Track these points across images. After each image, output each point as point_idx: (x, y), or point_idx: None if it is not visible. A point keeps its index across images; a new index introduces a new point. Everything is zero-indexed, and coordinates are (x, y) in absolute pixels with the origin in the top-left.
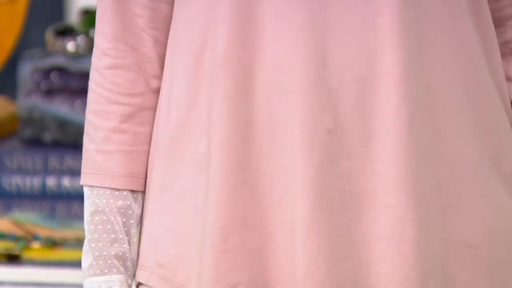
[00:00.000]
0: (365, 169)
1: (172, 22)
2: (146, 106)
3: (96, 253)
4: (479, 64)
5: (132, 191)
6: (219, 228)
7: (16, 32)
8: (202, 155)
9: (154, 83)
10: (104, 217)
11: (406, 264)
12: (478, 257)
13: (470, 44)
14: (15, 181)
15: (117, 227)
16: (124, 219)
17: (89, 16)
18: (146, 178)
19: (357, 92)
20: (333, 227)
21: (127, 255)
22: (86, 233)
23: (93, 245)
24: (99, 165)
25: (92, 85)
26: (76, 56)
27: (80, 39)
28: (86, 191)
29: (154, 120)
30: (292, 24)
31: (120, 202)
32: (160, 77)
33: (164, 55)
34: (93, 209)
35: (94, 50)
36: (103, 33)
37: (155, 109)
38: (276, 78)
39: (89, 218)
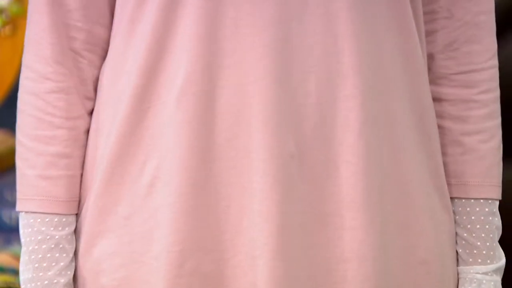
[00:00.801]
0: (326, 192)
1: (113, 44)
2: (84, 129)
3: (46, 282)
4: (423, 83)
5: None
6: (175, 252)
7: (17, 66)
8: (150, 178)
9: (88, 105)
10: (53, 245)
11: (367, 284)
12: (430, 272)
13: (417, 64)
14: (15, 215)
15: (64, 255)
16: (70, 246)
17: None
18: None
19: (318, 116)
20: (296, 251)
21: (71, 280)
22: (31, 262)
23: (40, 274)
24: (43, 191)
25: (29, 109)
26: None
27: None
28: (28, 219)
29: (87, 142)
30: (255, 49)
31: (67, 228)
32: (93, 99)
33: (97, 77)
34: (40, 237)
35: (29, 74)
36: (42, 57)
37: (89, 131)
38: (237, 103)
39: (36, 247)
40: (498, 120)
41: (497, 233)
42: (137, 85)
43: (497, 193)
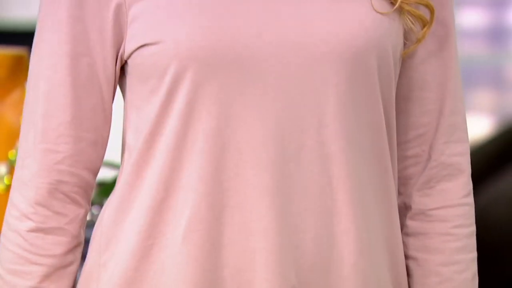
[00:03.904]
0: None
1: (118, 186)
2: (64, 265)
3: None
4: (396, 217)
5: None
6: None
7: None
8: None
9: (75, 242)
10: None
11: None
12: None
13: (392, 199)
14: None
15: None
16: None
17: (103, 188)
18: None
19: (316, 250)
20: None
21: None
22: None
23: None
24: None
25: (8, 244)
26: (90, 224)
27: (95, 209)
28: None
29: (73, 276)
30: (256, 190)
31: None
32: (79, 237)
33: (84, 216)
34: None
35: (12, 211)
36: (25, 197)
37: (73, 264)
38: (241, 239)
39: None
40: (473, 254)
41: None
42: (143, 223)
43: None
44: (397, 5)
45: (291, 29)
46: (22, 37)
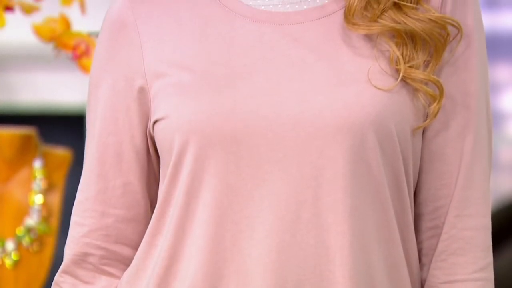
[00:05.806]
0: None
1: (139, 252)
2: None
3: None
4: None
5: None
6: None
7: (42, 280)
8: None
9: None
10: None
11: None
12: None
13: (402, 274)
14: None
15: None
16: None
17: None
18: None
19: None
20: None
21: None
22: None
23: None
24: None
25: None
26: None
27: None
28: None
29: None
30: (251, 260)
31: None
32: None
33: (114, 285)
34: None
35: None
36: (61, 265)
37: None
38: None
39: None
40: None
41: None
42: (157, 283)
43: None
44: (397, 82)
45: (289, 104)
46: (30, 119)
